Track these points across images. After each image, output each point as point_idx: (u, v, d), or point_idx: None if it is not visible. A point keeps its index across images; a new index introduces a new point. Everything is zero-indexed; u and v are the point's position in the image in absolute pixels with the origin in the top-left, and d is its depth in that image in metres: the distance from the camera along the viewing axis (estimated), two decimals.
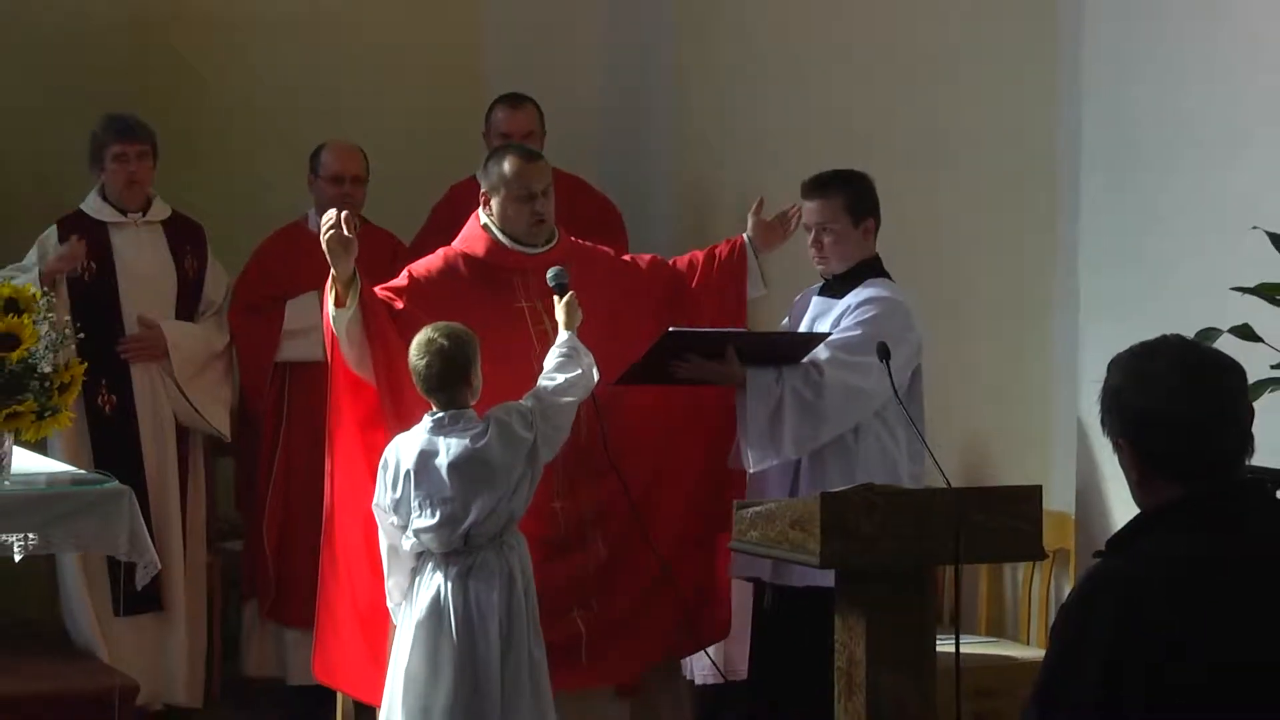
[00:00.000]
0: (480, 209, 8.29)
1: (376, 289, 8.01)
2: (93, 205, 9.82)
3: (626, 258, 8.61)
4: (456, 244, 8.28)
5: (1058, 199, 8.74)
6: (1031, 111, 8.87)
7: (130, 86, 10.78)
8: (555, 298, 7.83)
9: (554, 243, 8.24)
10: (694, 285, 8.41)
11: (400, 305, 7.95)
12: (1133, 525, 4.87)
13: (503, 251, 8.16)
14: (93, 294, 9.63)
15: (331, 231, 7.67)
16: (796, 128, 9.95)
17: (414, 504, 7.49)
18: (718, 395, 8.05)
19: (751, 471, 7.98)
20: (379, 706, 7.77)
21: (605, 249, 8.73)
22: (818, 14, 10.00)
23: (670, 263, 8.53)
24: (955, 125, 9.23)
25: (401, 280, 8.10)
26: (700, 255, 8.51)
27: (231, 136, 11.00)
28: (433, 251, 8.56)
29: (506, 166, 8.19)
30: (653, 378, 7.94)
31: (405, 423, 7.69)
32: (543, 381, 7.70)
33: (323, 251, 7.72)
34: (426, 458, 7.49)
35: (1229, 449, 4.85)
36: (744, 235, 8.42)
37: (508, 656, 7.50)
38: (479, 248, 8.21)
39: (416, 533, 7.51)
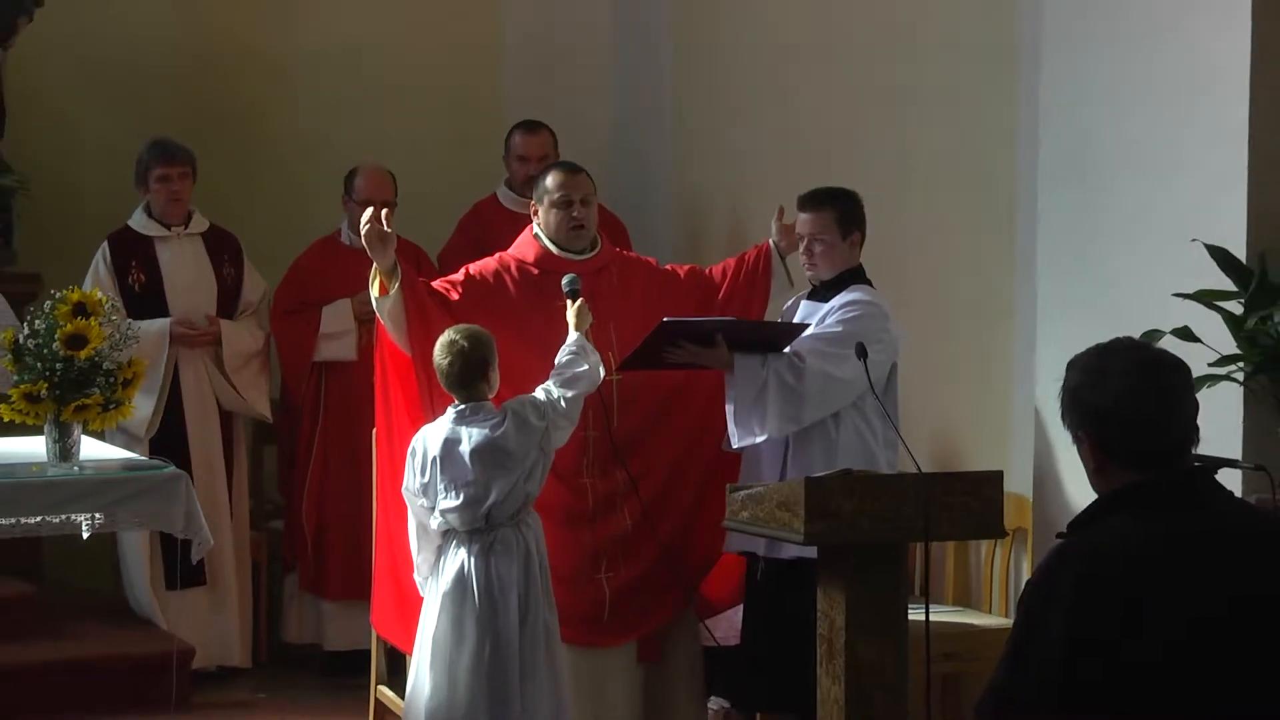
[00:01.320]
0: (532, 219, 8.33)
1: (434, 282, 8.09)
2: (139, 221, 9.84)
3: (667, 267, 8.62)
4: (511, 250, 8.30)
5: (1017, 214, 8.70)
6: (994, 136, 8.83)
7: (188, 113, 10.83)
8: (568, 302, 7.82)
9: (596, 250, 8.25)
10: (723, 290, 8.41)
11: (455, 297, 7.99)
12: (1092, 509, 4.88)
13: (549, 257, 8.17)
14: (142, 299, 9.62)
15: (370, 225, 7.69)
16: (782, 150, 9.93)
17: (440, 487, 7.51)
18: (720, 395, 7.98)
19: (736, 447, 7.96)
20: (409, 653, 7.80)
21: (648, 259, 8.78)
22: (803, 49, 9.99)
23: (706, 271, 8.54)
24: (926, 148, 9.21)
25: (459, 276, 8.15)
26: (731, 262, 8.53)
27: (276, 158, 11.02)
28: (460, 260, 8.64)
29: (550, 178, 8.25)
30: (650, 364, 7.92)
31: (438, 394, 7.75)
32: (553, 376, 7.70)
33: (352, 262, 7.81)
34: (451, 445, 7.50)
35: (1178, 439, 4.88)
36: (769, 240, 8.40)
37: (525, 623, 7.51)
38: (529, 254, 8.22)
39: (443, 513, 7.52)
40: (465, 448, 7.46)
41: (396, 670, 8.22)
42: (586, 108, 10.92)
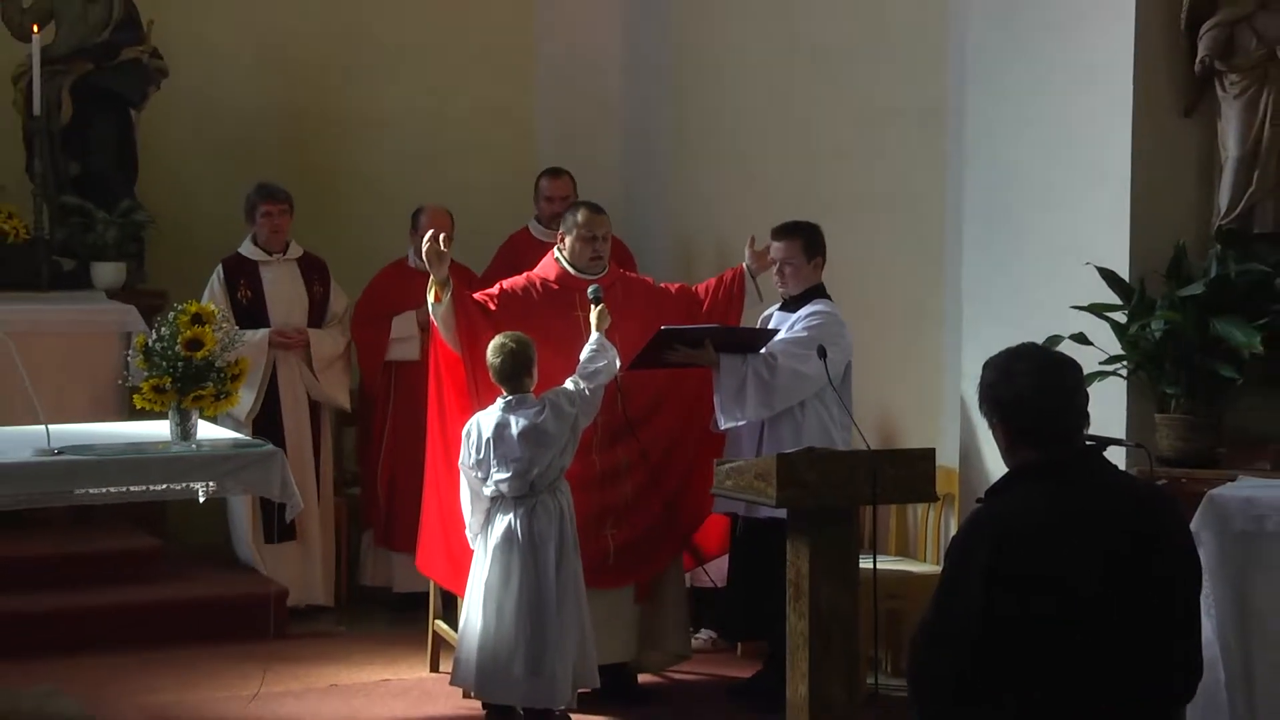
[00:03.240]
0: (556, 245, 8.31)
1: (476, 294, 8.08)
2: (247, 249, 9.81)
3: (661, 285, 8.59)
4: (536, 270, 8.28)
5: (945, 242, 8.70)
6: (928, 180, 8.83)
7: (286, 161, 10.81)
8: (591, 307, 7.83)
9: (605, 271, 8.22)
10: (706, 304, 8.38)
11: (493, 307, 7.98)
12: (1003, 480, 4.93)
13: (568, 276, 8.15)
14: (248, 312, 9.59)
15: (430, 245, 7.73)
16: (756, 191, 9.91)
17: (493, 463, 7.52)
18: (707, 386, 7.99)
19: (722, 429, 8.00)
20: (459, 594, 7.84)
21: (646, 278, 8.79)
22: (773, 111, 9.99)
23: (693, 288, 8.51)
24: (874, 189, 9.20)
25: (495, 290, 8.14)
26: (713, 281, 8.50)
27: (356, 198, 10.98)
28: (498, 278, 8.58)
29: (579, 215, 8.24)
30: (652, 364, 7.93)
31: (482, 384, 7.76)
32: (579, 371, 7.71)
33: (416, 282, 7.84)
34: (501, 429, 7.51)
35: (1072, 424, 4.93)
36: (744, 264, 8.39)
37: (559, 569, 7.53)
38: (551, 273, 8.21)
39: (496, 483, 7.53)
40: (514, 431, 7.48)
41: (449, 607, 8.22)
42: (600, 157, 10.89)
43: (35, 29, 10.12)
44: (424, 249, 7.85)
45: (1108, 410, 6.81)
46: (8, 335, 7.55)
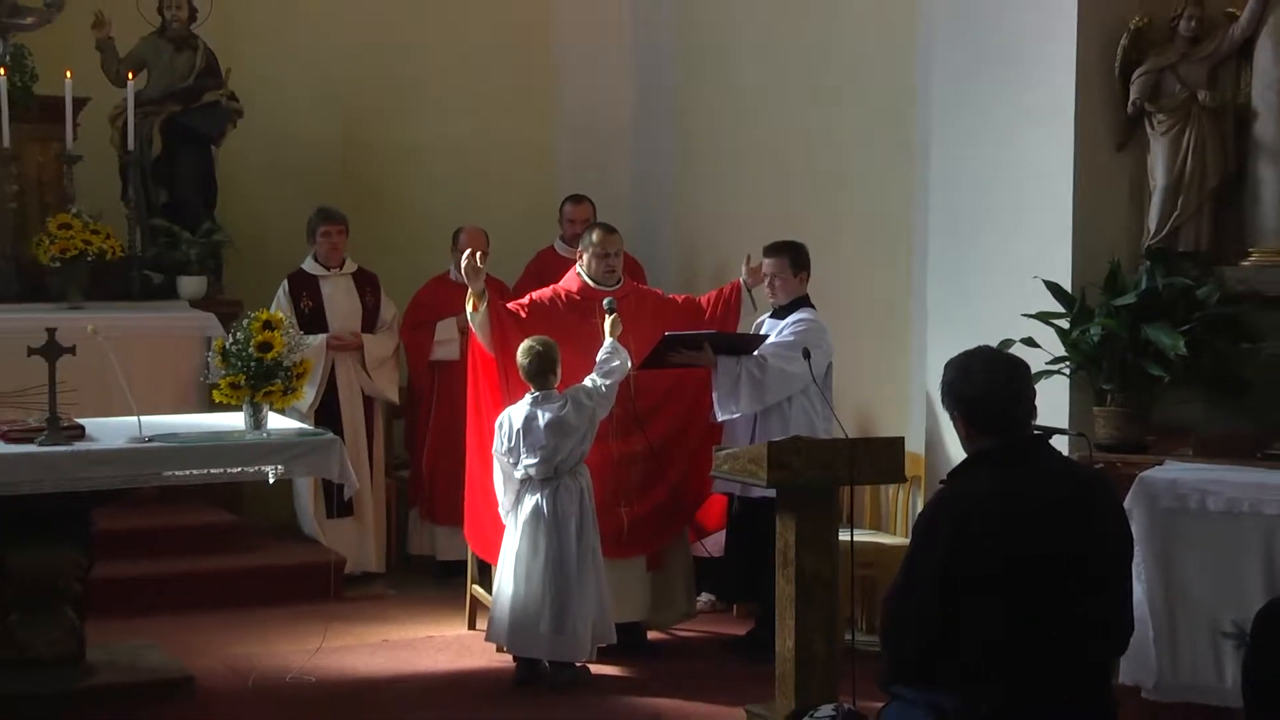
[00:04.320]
0: (577, 261, 8.32)
1: (509, 304, 8.10)
2: (309, 264, 9.80)
3: (669, 296, 8.62)
4: (560, 284, 8.28)
5: (913, 258, 8.69)
6: (898, 205, 8.82)
7: (343, 187, 10.78)
8: (607, 316, 7.83)
9: (619, 283, 8.22)
10: (708, 313, 8.38)
11: (524, 315, 7.98)
12: (963, 464, 4.98)
13: (587, 288, 8.15)
14: (310, 319, 9.56)
15: (467, 261, 7.76)
16: (750, 214, 9.89)
17: (523, 450, 7.53)
18: (707, 383, 8.00)
19: (720, 420, 8.01)
20: (493, 563, 7.86)
21: (655, 290, 8.81)
22: (763, 144, 9.98)
23: (696, 299, 8.52)
24: (851, 212, 9.20)
25: (524, 300, 8.15)
26: (713, 294, 8.50)
27: (404, 220, 10.95)
28: (527, 290, 8.59)
29: (595, 235, 8.25)
30: (659, 364, 7.93)
31: (512, 382, 7.76)
32: (596, 370, 7.72)
33: (456, 293, 7.88)
34: (530, 421, 7.53)
35: (1022, 416, 4.97)
36: (740, 279, 8.39)
37: (580, 542, 7.55)
38: (573, 285, 8.21)
39: (525, 467, 7.55)
40: (540, 422, 7.50)
41: (485, 574, 8.23)
42: (613, 184, 10.89)
43: (130, 76, 10.15)
44: (462, 264, 7.87)
45: (1053, 404, 6.81)
46: (105, 339, 7.56)
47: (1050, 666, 4.68)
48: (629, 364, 7.78)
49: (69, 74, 9.90)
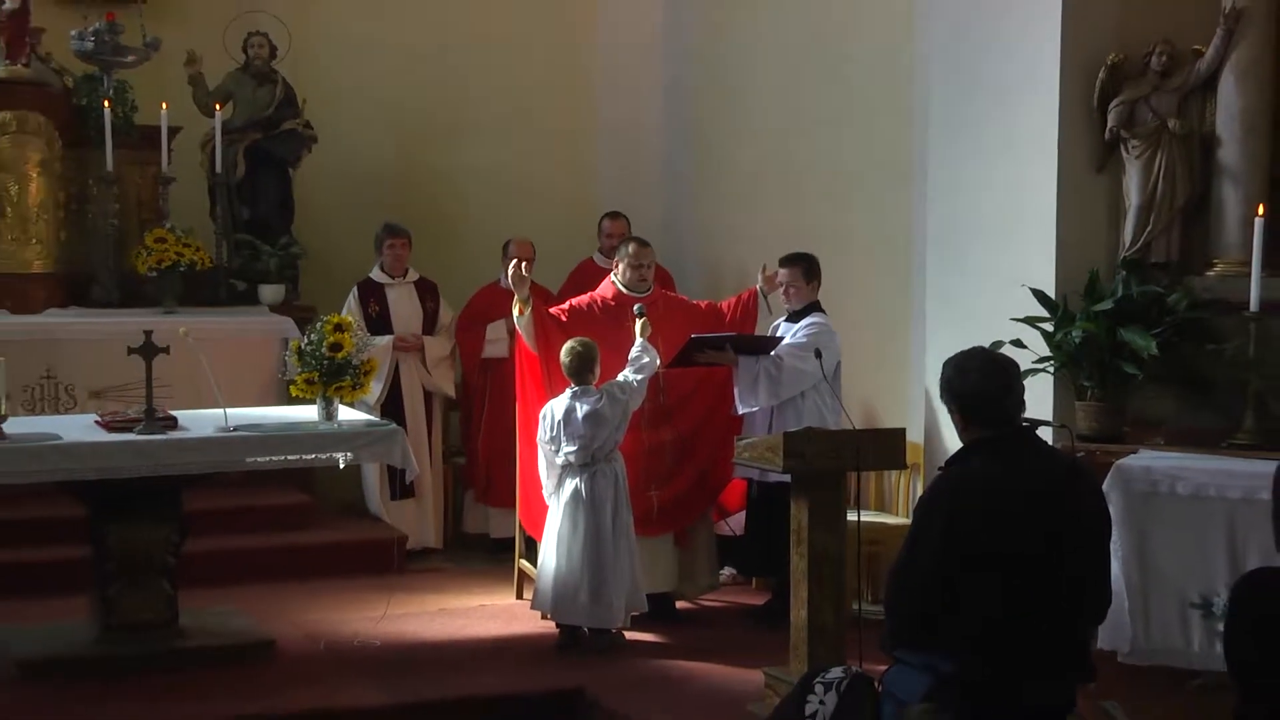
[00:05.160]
0: (612, 270, 8.31)
1: (552, 309, 8.08)
2: (375, 274, 9.80)
3: (694, 302, 8.60)
4: (597, 291, 8.26)
5: (912, 267, 8.66)
6: (899, 219, 8.78)
7: (406, 205, 10.77)
8: (637, 319, 7.79)
9: (650, 291, 8.21)
10: (728, 317, 8.34)
11: (564, 319, 7.96)
12: (958, 452, 4.97)
13: (621, 295, 8.14)
14: (376, 323, 9.57)
15: (514, 270, 7.77)
16: (766, 229, 9.85)
17: (564, 439, 7.51)
18: (729, 380, 7.97)
19: (741, 413, 7.98)
20: (538, 539, 7.82)
21: (682, 296, 8.81)
22: (779, 163, 9.96)
23: (718, 304, 8.48)
24: (857, 227, 9.17)
25: (566, 306, 8.14)
26: (733, 300, 8.46)
27: (459, 234, 10.95)
28: (568, 297, 8.59)
29: (630, 247, 8.25)
30: (686, 364, 7.91)
31: (555, 378, 7.76)
32: (628, 367, 7.69)
33: (506, 298, 7.91)
34: (570, 413, 7.51)
35: (1012, 409, 4.95)
36: (756, 286, 8.35)
37: (615, 521, 7.53)
38: (609, 292, 8.20)
39: (565, 454, 7.53)
40: (579, 415, 7.47)
41: (531, 549, 8.22)
42: (647, 202, 10.86)
43: (218, 107, 10.16)
44: (509, 273, 7.86)
45: (1039, 398, 6.79)
46: (195, 340, 7.58)
47: (1036, 632, 4.66)
48: (658, 362, 7.75)
49: (164, 105, 9.95)
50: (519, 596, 8.52)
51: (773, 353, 7.91)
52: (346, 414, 7.69)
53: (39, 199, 9.87)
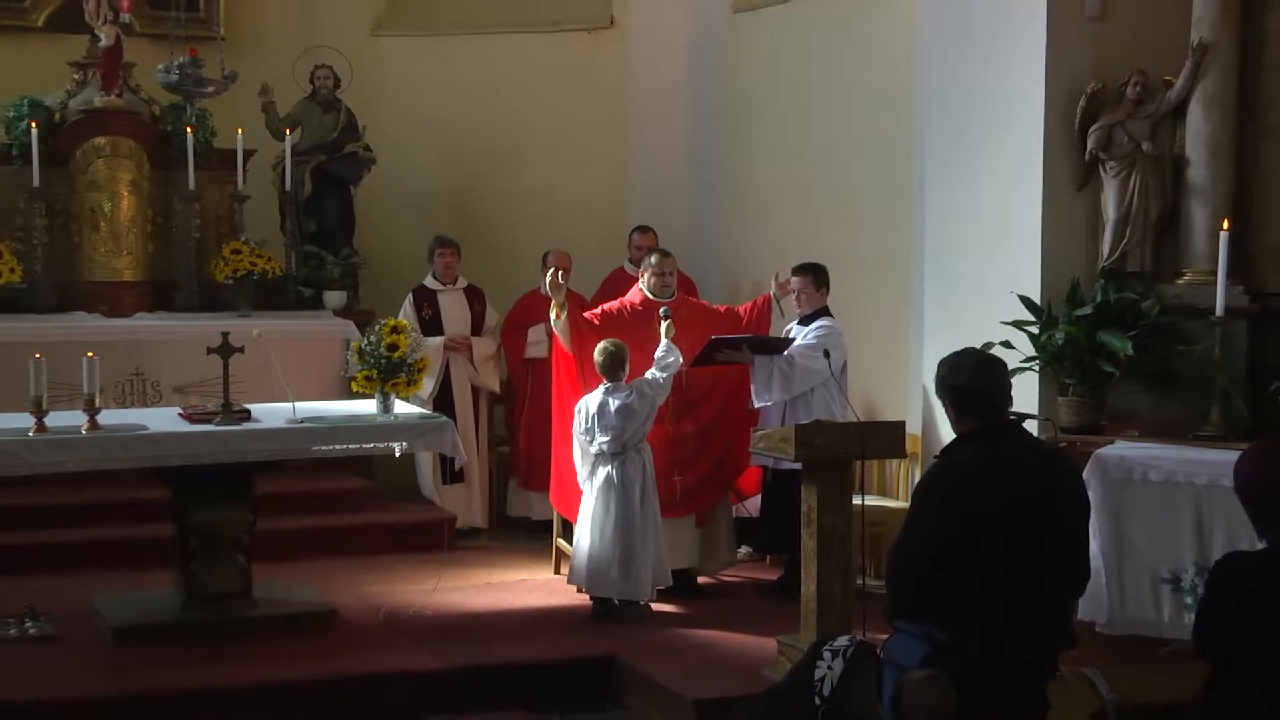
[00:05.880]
0: (639, 279, 8.29)
1: (586, 313, 8.05)
2: (429, 281, 9.77)
3: (714, 306, 8.56)
4: (627, 297, 8.24)
5: (911, 277, 8.67)
6: (900, 235, 8.81)
7: (456, 219, 10.77)
8: (662, 322, 7.78)
9: (674, 297, 8.17)
10: (745, 320, 8.28)
11: (597, 323, 7.93)
12: (952, 442, 4.97)
13: (648, 300, 8.10)
14: (429, 325, 9.56)
15: (552, 278, 7.77)
16: (783, 240, 9.80)
17: (597, 430, 7.50)
18: (746, 377, 7.95)
19: (757, 407, 7.93)
20: (573, 521, 7.81)
21: (704, 302, 8.78)
22: (792, 183, 9.94)
23: (736, 309, 8.43)
24: (861, 241, 9.16)
25: (598, 311, 8.11)
26: (749, 305, 8.41)
27: (503, 246, 10.85)
28: (601, 302, 8.57)
29: (654, 258, 8.22)
30: (707, 363, 7.87)
31: (589, 375, 7.73)
32: (655, 365, 7.67)
33: (545, 304, 7.93)
34: (604, 407, 7.50)
35: (1001, 403, 4.96)
36: (770, 292, 8.29)
37: (643, 504, 7.53)
38: (637, 298, 8.17)
39: (598, 444, 7.52)
40: (611, 409, 7.46)
41: (568, 530, 8.20)
42: (673, 217, 10.79)
43: (288, 132, 10.20)
44: (547, 280, 7.85)
45: (1025, 394, 6.81)
46: (267, 341, 7.61)
47: (1023, 604, 4.65)
48: (681, 360, 7.73)
49: (240, 131, 9.98)
50: (556, 572, 8.51)
51: (785, 353, 7.88)
52: (402, 407, 7.69)
53: (130, 215, 9.94)
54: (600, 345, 7.61)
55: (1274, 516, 4.34)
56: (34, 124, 9.60)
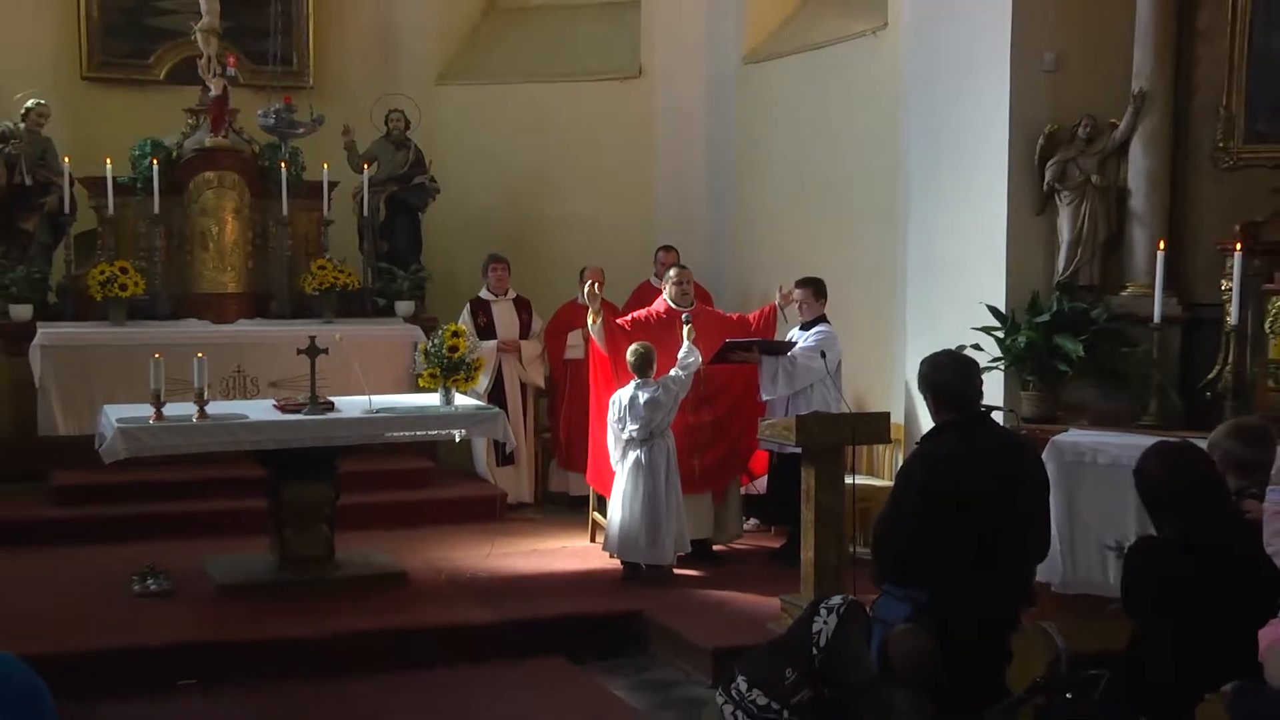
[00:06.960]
0: (663, 290, 8.24)
1: (617, 320, 8.02)
2: (483, 293, 9.74)
3: (727, 314, 8.50)
4: (652, 307, 8.19)
5: (896, 288, 8.63)
6: (886, 251, 8.76)
7: (506, 239, 10.73)
8: (684, 326, 7.75)
9: (693, 305, 8.12)
10: (754, 326, 8.21)
11: (628, 328, 7.91)
12: (931, 430, 4.93)
13: (670, 309, 8.04)
14: (484, 330, 9.54)
15: (589, 289, 7.80)
16: (786, 257, 9.74)
17: (628, 419, 7.49)
18: (755, 374, 7.92)
19: (764, 399, 7.89)
20: (607, 496, 7.79)
21: (719, 310, 8.74)
22: (795, 207, 9.90)
23: (746, 316, 8.36)
24: (854, 258, 9.11)
25: (628, 318, 8.07)
26: (757, 313, 8.34)
27: (546, 262, 10.84)
28: (630, 311, 8.50)
29: (673, 272, 8.19)
30: (722, 362, 7.81)
31: (621, 373, 7.70)
32: (678, 364, 7.64)
33: (583, 312, 7.91)
34: (634, 400, 7.49)
35: (973, 396, 4.91)
36: (776, 302, 8.21)
37: (667, 483, 7.51)
38: (661, 307, 8.11)
39: (630, 431, 7.50)
40: (641, 401, 7.44)
41: (601, 504, 8.20)
42: (693, 237, 10.76)
43: (365, 166, 10.25)
44: (585, 292, 7.84)
45: (993, 389, 6.76)
46: (347, 343, 7.63)
47: (993, 570, 4.63)
48: (700, 360, 7.71)
49: (325, 165, 10.05)
50: (592, 540, 8.50)
51: (789, 354, 7.86)
52: (461, 400, 7.69)
53: (233, 237, 9.99)
54: (632, 347, 7.60)
55: (1163, 513, 4.31)
56: (155, 161, 9.69)
